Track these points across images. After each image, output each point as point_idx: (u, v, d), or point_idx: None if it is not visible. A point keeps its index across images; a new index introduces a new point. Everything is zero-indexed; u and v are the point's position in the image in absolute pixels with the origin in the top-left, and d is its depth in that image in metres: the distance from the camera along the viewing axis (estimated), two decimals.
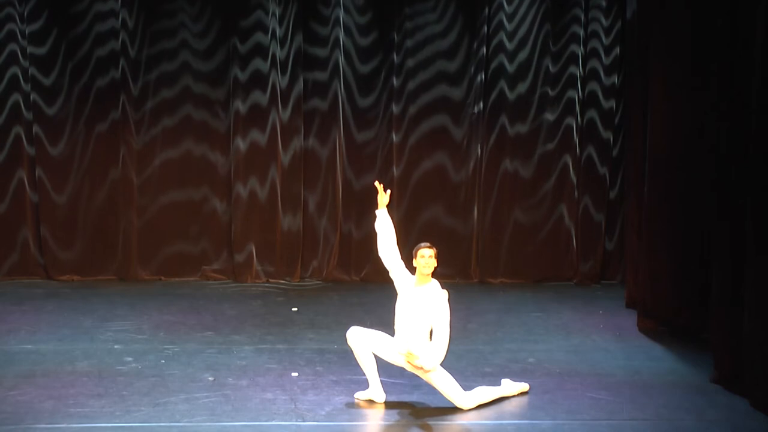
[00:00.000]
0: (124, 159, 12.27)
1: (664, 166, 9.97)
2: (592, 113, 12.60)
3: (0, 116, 12.13)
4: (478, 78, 12.44)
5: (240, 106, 12.27)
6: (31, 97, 12.11)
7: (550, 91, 12.53)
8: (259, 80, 12.27)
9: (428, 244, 7.76)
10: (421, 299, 7.66)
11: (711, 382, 8.49)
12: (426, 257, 7.67)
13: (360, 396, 7.97)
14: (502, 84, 12.50)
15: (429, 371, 7.60)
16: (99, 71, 12.18)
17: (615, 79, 12.52)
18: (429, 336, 7.69)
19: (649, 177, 10.19)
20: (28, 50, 12.04)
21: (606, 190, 12.70)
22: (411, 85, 12.51)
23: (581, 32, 12.44)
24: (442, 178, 12.65)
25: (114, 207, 12.33)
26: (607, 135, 12.62)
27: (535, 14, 12.44)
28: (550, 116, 12.57)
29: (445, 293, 7.70)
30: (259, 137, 12.34)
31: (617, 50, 12.46)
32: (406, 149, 12.59)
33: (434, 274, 12.29)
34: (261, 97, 12.29)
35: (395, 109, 12.47)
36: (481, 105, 12.50)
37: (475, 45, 12.43)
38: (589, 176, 12.66)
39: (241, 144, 12.30)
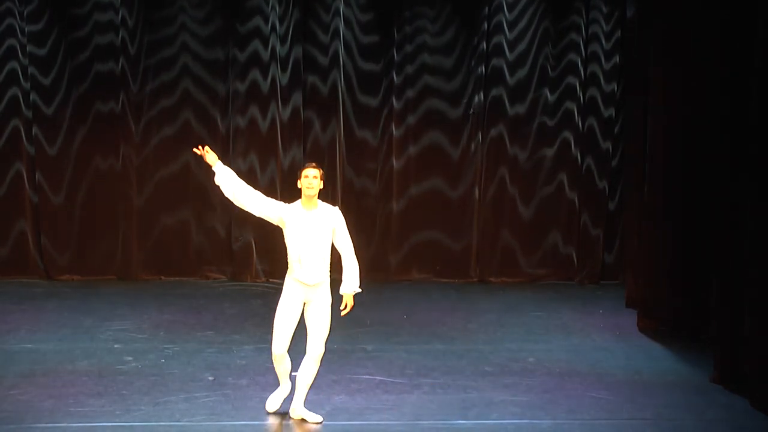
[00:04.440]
0: (123, 159, 12.26)
1: (664, 166, 9.97)
2: (592, 121, 12.59)
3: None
4: (479, 70, 12.42)
5: (239, 116, 12.29)
6: (31, 97, 12.10)
7: (549, 96, 12.53)
8: (257, 82, 12.27)
9: (314, 164, 7.29)
10: (317, 224, 7.19)
11: (711, 381, 8.49)
12: (310, 177, 7.15)
13: (270, 406, 7.53)
14: (501, 84, 12.49)
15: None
16: (99, 72, 12.15)
17: (614, 86, 12.50)
18: (329, 256, 7.30)
19: (650, 177, 10.19)
20: (27, 48, 12.03)
21: (605, 200, 12.68)
22: (411, 72, 12.51)
23: (580, 40, 12.48)
24: (442, 176, 12.63)
25: (113, 207, 12.32)
26: (606, 145, 12.60)
27: (534, 11, 12.46)
28: (549, 122, 12.57)
29: (339, 212, 7.31)
30: (259, 134, 12.35)
31: (616, 58, 12.46)
32: (406, 146, 12.58)
33: (437, 274, 12.20)
34: (260, 96, 12.30)
35: (395, 102, 12.46)
36: (481, 95, 12.44)
37: (475, 40, 12.42)
38: (589, 185, 12.64)
39: (240, 156, 12.31)
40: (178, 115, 12.34)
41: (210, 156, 7.49)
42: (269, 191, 12.37)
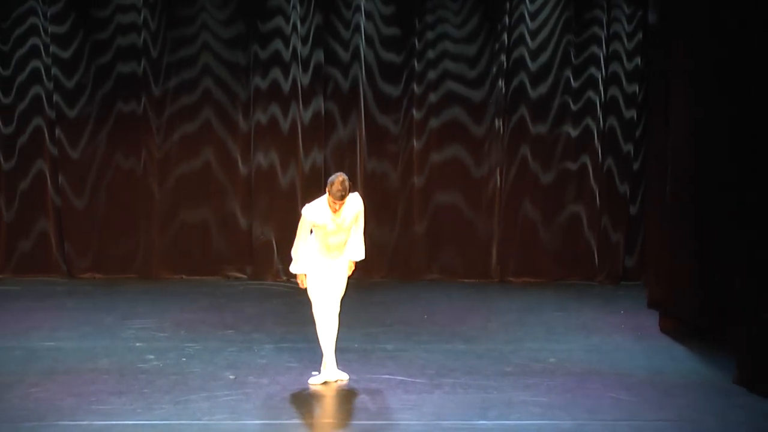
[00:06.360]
0: (145, 159, 12.30)
1: (686, 167, 9.92)
2: (612, 121, 12.51)
3: (22, 103, 12.17)
4: (501, 57, 12.33)
5: (260, 116, 12.29)
6: (54, 98, 12.16)
7: (571, 103, 12.46)
8: (278, 83, 12.29)
9: (341, 192, 7.82)
10: (344, 220, 8.01)
11: (733, 383, 8.44)
12: (337, 204, 7.86)
13: (314, 381, 8.23)
14: (523, 79, 12.43)
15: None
16: (120, 73, 12.18)
17: (636, 88, 12.42)
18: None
19: (671, 177, 10.14)
20: (51, 49, 12.09)
21: (626, 204, 12.59)
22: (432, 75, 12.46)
23: (602, 40, 12.41)
24: (463, 161, 12.56)
25: (135, 206, 12.37)
26: (628, 147, 12.52)
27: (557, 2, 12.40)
28: (572, 105, 12.49)
29: (360, 199, 8.13)
30: (279, 136, 12.37)
31: (638, 60, 12.38)
32: (427, 132, 12.50)
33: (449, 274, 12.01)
34: (281, 97, 12.31)
35: (416, 88, 12.40)
36: (502, 83, 12.39)
37: (498, 26, 12.33)
38: (610, 188, 12.55)
39: (261, 155, 12.34)
40: (199, 115, 12.37)
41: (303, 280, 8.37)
42: (290, 193, 12.49)
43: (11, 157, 12.24)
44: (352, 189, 8.06)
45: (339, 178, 7.85)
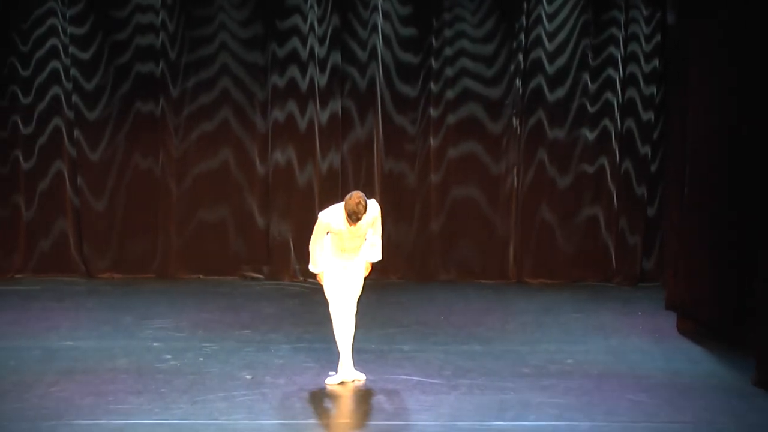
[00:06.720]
0: (162, 159, 12.35)
1: (704, 168, 9.88)
2: (630, 123, 12.45)
3: (41, 103, 12.23)
4: (518, 57, 12.32)
5: (278, 115, 12.31)
6: (73, 99, 12.22)
7: (588, 105, 12.42)
8: (295, 83, 12.31)
9: (355, 215, 7.79)
10: (360, 229, 7.99)
11: (752, 384, 8.40)
12: (355, 225, 7.86)
13: (331, 381, 8.25)
14: (541, 82, 12.41)
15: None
16: (139, 74, 12.24)
17: (653, 90, 12.37)
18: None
19: (689, 178, 10.10)
20: (70, 50, 12.16)
21: (644, 206, 12.53)
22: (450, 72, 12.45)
23: (619, 46, 12.35)
24: (480, 173, 12.55)
25: (153, 206, 12.42)
26: (645, 149, 12.47)
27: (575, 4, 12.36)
28: (589, 107, 12.45)
29: (377, 206, 8.08)
30: (297, 136, 12.40)
31: (656, 62, 12.33)
32: (444, 133, 12.47)
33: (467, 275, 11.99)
34: (298, 97, 12.33)
35: (433, 89, 12.37)
36: (518, 82, 12.35)
37: (515, 26, 12.31)
38: (627, 190, 12.49)
39: (278, 155, 12.37)
40: (217, 114, 12.40)
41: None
42: (307, 192, 12.51)
43: (30, 158, 12.33)
44: (369, 195, 8.05)
45: (354, 200, 7.76)
